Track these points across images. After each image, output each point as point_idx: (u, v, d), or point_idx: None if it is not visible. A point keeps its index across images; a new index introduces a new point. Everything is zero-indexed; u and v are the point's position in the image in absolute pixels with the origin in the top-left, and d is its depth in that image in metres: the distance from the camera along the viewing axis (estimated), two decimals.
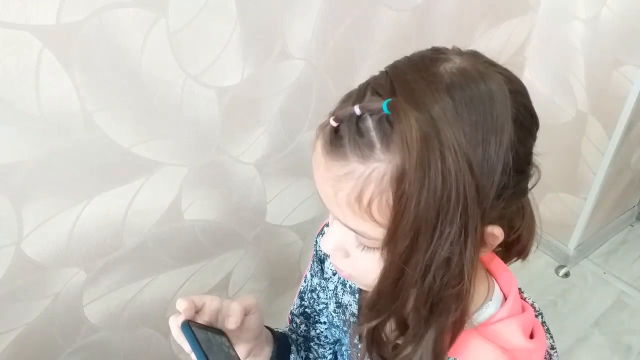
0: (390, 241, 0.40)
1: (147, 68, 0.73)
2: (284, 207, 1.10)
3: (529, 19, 1.33)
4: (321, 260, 0.68)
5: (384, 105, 0.37)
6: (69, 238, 0.79)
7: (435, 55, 0.41)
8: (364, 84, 0.42)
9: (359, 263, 0.45)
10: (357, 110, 0.38)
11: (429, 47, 0.44)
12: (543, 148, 0.45)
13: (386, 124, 0.37)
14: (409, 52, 0.43)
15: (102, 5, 0.65)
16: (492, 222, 0.43)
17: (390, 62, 0.43)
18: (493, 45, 1.27)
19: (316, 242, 0.69)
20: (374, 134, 0.38)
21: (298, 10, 0.85)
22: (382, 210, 0.39)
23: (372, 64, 0.99)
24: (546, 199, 1.69)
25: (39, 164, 0.70)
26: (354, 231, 0.42)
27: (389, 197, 0.38)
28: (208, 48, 0.78)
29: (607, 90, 1.39)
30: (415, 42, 1.08)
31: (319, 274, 0.69)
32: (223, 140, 0.88)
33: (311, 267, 0.70)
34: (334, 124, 0.40)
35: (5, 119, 0.64)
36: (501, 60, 0.42)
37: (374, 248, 0.43)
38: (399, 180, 0.37)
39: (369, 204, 0.39)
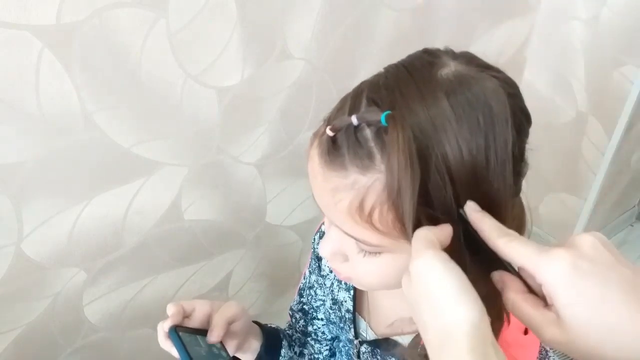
0: None
1: (147, 68, 0.73)
2: (284, 207, 1.10)
3: (529, 19, 1.33)
4: (318, 257, 0.69)
5: (382, 117, 0.36)
6: (69, 238, 0.78)
7: (430, 59, 0.41)
8: (358, 90, 0.41)
9: (359, 267, 0.45)
10: (354, 120, 0.37)
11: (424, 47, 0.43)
12: (543, 148, 0.45)
13: (384, 135, 0.37)
14: (409, 52, 0.43)
15: (102, 5, 0.65)
16: None
17: (390, 62, 0.43)
18: (493, 45, 1.27)
19: (314, 240, 0.70)
20: (372, 145, 0.37)
21: (298, 10, 0.85)
22: (384, 219, 0.39)
23: (372, 64, 0.99)
24: (546, 199, 1.69)
25: (39, 164, 0.70)
26: (355, 239, 0.42)
27: (390, 207, 0.38)
28: (208, 48, 0.78)
29: (607, 90, 1.39)
30: (415, 42, 1.07)
31: (316, 271, 0.70)
32: (223, 140, 0.88)
33: (309, 264, 0.71)
34: (330, 133, 0.39)
35: (5, 119, 0.64)
36: (501, 60, 0.42)
37: (375, 253, 0.43)
38: (398, 195, 0.37)
39: (370, 213, 0.38)
